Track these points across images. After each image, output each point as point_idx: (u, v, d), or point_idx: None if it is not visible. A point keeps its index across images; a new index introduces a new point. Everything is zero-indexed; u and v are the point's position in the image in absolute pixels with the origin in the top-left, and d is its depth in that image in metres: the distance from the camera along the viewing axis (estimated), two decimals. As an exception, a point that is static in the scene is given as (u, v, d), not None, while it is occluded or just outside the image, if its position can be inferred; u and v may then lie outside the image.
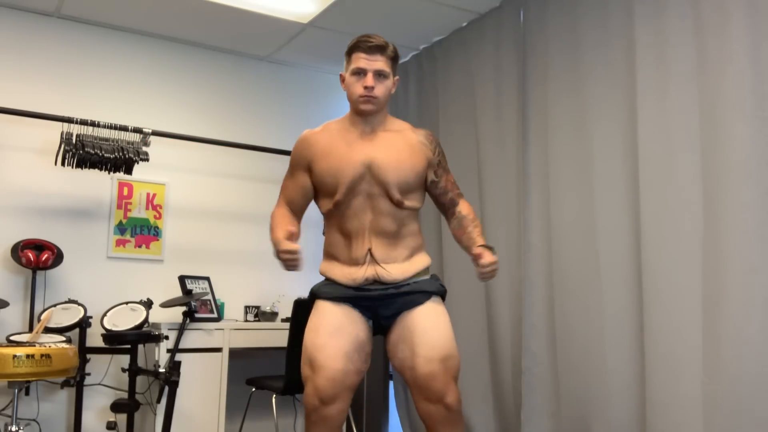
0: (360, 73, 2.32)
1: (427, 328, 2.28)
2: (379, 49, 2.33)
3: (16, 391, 3.25)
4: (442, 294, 2.41)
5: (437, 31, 4.13)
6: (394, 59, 2.38)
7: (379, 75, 2.33)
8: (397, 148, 2.36)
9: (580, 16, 3.19)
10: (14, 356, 3.03)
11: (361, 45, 2.33)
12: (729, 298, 2.42)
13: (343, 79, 2.40)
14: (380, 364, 4.09)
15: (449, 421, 2.24)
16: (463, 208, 2.46)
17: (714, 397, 2.44)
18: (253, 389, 3.78)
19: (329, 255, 2.43)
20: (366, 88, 2.31)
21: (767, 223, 2.37)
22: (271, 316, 4.27)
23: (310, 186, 2.43)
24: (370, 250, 2.32)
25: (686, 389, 2.55)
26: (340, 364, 2.23)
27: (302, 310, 3.51)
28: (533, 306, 3.29)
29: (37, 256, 3.67)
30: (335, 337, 2.27)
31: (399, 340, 2.31)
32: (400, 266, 2.34)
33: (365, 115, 2.36)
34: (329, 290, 2.37)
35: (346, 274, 2.35)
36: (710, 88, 2.58)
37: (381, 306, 2.34)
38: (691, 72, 2.66)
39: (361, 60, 2.32)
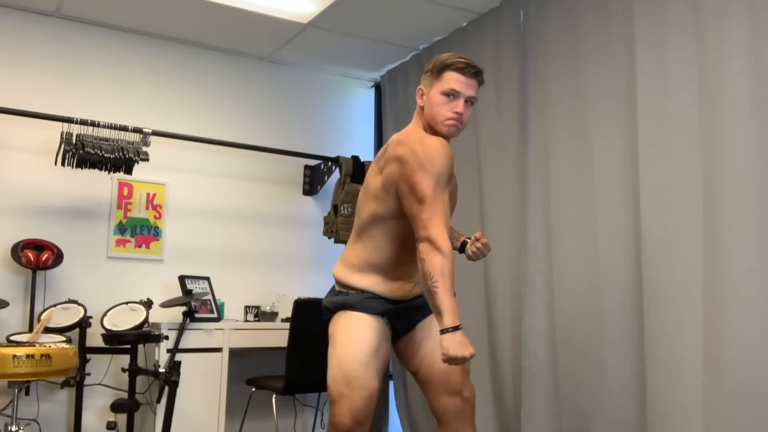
0: (452, 95, 2.20)
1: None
2: (477, 75, 2.22)
3: (16, 391, 3.25)
4: None
5: (437, 31, 4.12)
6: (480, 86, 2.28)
7: (469, 102, 2.24)
8: None
9: (580, 17, 3.19)
10: (14, 356, 3.03)
11: (459, 65, 2.19)
12: (729, 298, 2.42)
13: (422, 94, 2.26)
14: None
15: (466, 416, 2.28)
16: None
17: (714, 397, 2.44)
18: (253, 389, 3.78)
19: (371, 267, 2.28)
20: (456, 113, 2.20)
21: (767, 223, 2.37)
22: (271, 316, 4.27)
23: None
24: None
25: (686, 389, 2.54)
26: (377, 383, 2.21)
27: (302, 310, 3.53)
28: (533, 306, 3.28)
29: (37, 256, 3.67)
30: (376, 355, 2.22)
31: (418, 346, 2.35)
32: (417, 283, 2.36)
33: (446, 138, 2.24)
34: (369, 304, 2.26)
35: (396, 288, 2.28)
36: (710, 88, 2.57)
37: (401, 317, 2.35)
38: (691, 72, 2.65)
39: (459, 83, 2.19)
